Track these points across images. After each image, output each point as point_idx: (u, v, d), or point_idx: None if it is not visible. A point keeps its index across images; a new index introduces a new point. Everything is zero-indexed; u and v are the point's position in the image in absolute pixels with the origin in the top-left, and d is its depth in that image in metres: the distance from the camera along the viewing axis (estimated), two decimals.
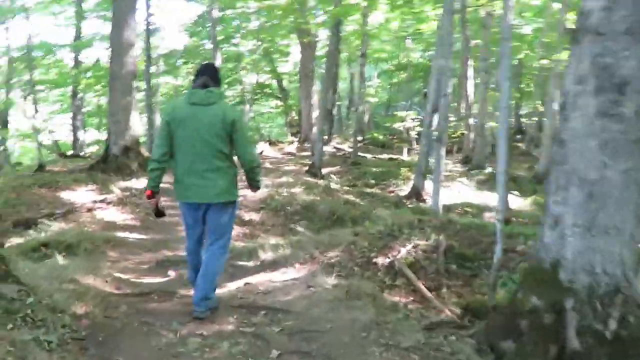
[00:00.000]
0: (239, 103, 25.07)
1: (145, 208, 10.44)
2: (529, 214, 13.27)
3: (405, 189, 14.66)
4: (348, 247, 5.59)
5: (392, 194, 14.29)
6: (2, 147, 20.65)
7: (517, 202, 14.60)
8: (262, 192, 12.40)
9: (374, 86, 26.97)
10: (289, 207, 11.13)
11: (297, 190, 12.90)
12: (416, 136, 21.05)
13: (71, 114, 21.33)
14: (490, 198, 15.01)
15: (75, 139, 20.72)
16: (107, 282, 4.88)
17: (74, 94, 20.83)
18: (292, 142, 21.74)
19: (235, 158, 3.93)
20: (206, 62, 4.66)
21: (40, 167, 12.47)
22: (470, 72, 20.03)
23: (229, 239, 4.13)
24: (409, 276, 4.84)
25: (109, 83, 12.84)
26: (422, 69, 28.34)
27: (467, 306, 4.33)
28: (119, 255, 7.41)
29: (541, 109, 21.76)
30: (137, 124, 12.96)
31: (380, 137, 25.83)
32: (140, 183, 11.81)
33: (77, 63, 21.30)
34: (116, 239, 8.19)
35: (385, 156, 20.67)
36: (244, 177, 4.21)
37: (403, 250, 5.25)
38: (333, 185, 13.90)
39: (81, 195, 10.86)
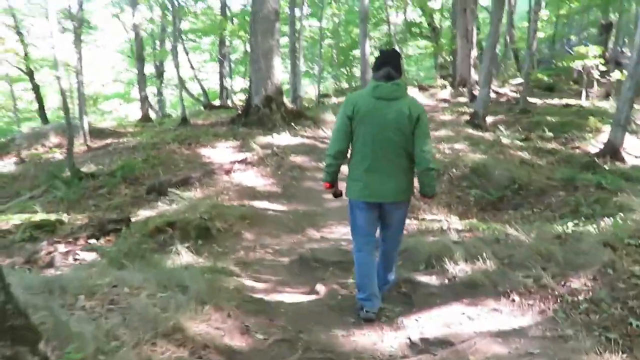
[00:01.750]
0: (386, 44, 22.57)
1: (288, 169, 8.88)
2: None
3: (594, 145, 11.45)
4: (601, 271, 3.28)
5: (578, 151, 11.20)
6: (157, 98, 20.60)
7: None
8: None
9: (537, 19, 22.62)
10: (454, 170, 8.82)
11: (460, 146, 10.48)
12: (598, 77, 17.01)
13: (218, 62, 20.56)
14: None
15: (222, 88, 19.99)
16: (229, 316, 3.16)
17: (221, 42, 19.93)
18: (444, 87, 18.90)
19: None
20: (389, 49, 4.14)
21: (184, 121, 11.50)
22: None
23: (402, 233, 3.69)
24: None
25: (249, 25, 11.25)
26: None
27: None
28: (255, 237, 5.84)
29: None
30: (280, 71, 11.31)
31: (546, 78, 21.88)
32: (282, 138, 10.25)
33: (224, 9, 20.28)
34: (253, 213, 6.64)
35: (556, 101, 17.06)
36: None
37: None
38: (503, 140, 11.21)
39: (220, 153, 9.58)
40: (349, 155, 3.41)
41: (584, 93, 17.01)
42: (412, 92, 18.08)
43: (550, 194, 7.77)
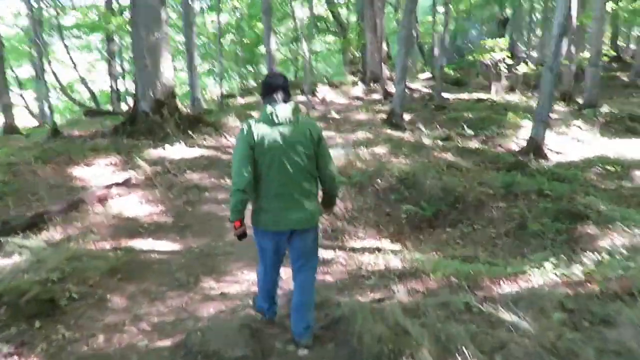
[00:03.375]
0: (293, 40, 21.08)
1: (182, 190, 7.12)
2: None
3: (516, 142, 10.72)
4: None
5: (501, 149, 10.37)
6: (38, 104, 17.70)
7: None
8: (337, 156, 8.84)
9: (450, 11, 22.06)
10: (379, 180, 7.51)
11: (381, 150, 9.23)
12: (506, 71, 16.61)
13: (107, 62, 17.96)
14: (628, 147, 10.93)
15: (113, 91, 17.48)
16: None
17: (108, 38, 17.40)
18: (356, 84, 17.74)
19: None
20: (274, 72, 3.70)
21: (55, 133, 9.24)
22: None
23: (317, 260, 3.39)
24: None
25: (130, 15, 9.23)
26: None
27: None
28: (127, 303, 4.09)
29: None
30: (171, 70, 9.41)
31: (451, 72, 21.50)
32: (176, 150, 8.42)
33: (110, 2, 17.77)
34: (130, 260, 4.87)
35: (467, 95, 16.46)
36: None
37: None
38: (425, 141, 10.11)
39: (98, 172, 7.59)
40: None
41: (493, 87, 16.59)
42: (323, 90, 16.76)
43: (490, 205, 6.66)
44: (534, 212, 6.28)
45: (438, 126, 11.91)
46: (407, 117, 12.68)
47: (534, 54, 25.20)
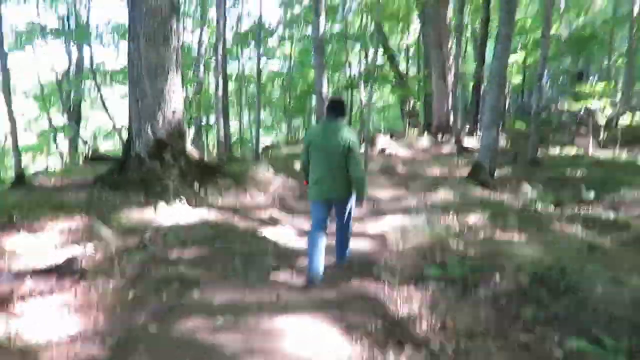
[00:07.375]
0: (348, 86, 18.33)
1: (155, 285, 3.99)
2: None
3: None
4: None
5: None
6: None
7: None
8: (417, 225, 5.58)
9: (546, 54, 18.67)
10: (496, 277, 4.13)
11: (475, 218, 5.88)
12: (603, 122, 13.00)
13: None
14: None
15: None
16: None
17: None
18: (421, 135, 14.51)
19: None
20: (335, 98, 4.77)
21: (19, 180, 6.51)
22: None
23: (351, 219, 4.60)
24: None
25: (128, 24, 6.52)
26: (578, 43, 19.97)
27: None
28: None
29: None
30: (179, 100, 6.53)
31: (524, 126, 18.04)
32: (174, 212, 5.37)
33: None
34: None
35: (557, 151, 12.92)
36: None
37: None
38: (540, 207, 6.65)
39: (43, 243, 4.62)
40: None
41: (590, 142, 12.95)
42: (384, 141, 13.58)
43: None
44: None
45: (540, 185, 8.44)
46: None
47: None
